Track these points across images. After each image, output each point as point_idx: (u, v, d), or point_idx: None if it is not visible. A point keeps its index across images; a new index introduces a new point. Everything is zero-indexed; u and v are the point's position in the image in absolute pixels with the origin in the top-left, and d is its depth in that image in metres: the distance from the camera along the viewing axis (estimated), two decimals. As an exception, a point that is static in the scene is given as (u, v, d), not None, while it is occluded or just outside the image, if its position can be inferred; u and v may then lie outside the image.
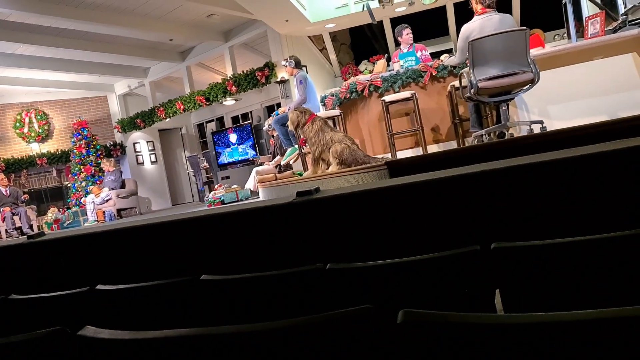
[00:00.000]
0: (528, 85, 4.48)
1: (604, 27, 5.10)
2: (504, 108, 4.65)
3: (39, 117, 12.67)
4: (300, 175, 5.80)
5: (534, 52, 4.82)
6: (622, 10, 6.48)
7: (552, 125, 5.01)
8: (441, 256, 1.24)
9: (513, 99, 4.81)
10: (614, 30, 5.20)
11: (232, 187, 8.22)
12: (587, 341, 0.61)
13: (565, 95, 5.17)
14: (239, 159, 11.43)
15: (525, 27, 4.38)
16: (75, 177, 11.92)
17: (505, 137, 4.61)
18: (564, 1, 8.88)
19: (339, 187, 2.85)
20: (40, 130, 12.66)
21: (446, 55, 6.45)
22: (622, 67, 5.01)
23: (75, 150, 11.89)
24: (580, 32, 6.80)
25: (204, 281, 1.44)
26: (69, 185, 12.39)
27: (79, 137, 11.89)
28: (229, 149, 11.65)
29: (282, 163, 7.18)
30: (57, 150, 12.70)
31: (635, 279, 1.11)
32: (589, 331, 0.61)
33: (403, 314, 0.69)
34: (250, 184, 8.07)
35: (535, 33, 8.28)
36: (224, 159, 11.69)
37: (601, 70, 5.06)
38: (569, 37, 8.86)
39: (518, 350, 0.64)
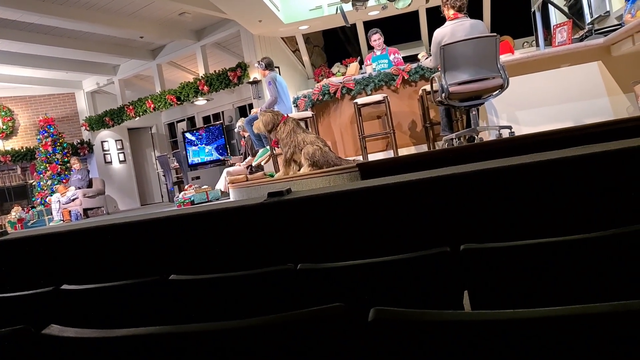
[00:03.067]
0: (497, 91, 4.56)
1: (571, 36, 5.23)
2: (474, 113, 4.72)
3: (3, 113, 12.31)
4: (272, 176, 5.78)
5: (503, 58, 4.91)
6: (588, 19, 6.67)
7: (520, 130, 5.12)
8: (411, 257, 1.25)
9: (483, 103, 4.89)
10: (581, 39, 5.34)
11: (203, 187, 8.14)
12: (552, 337, 0.62)
13: (533, 102, 5.28)
14: (210, 159, 11.34)
15: (495, 34, 4.45)
16: (41, 176, 11.64)
17: (475, 141, 4.69)
18: (533, 9, 9.10)
19: (311, 189, 2.86)
20: (4, 127, 12.31)
21: (423, 54, 6.53)
22: (587, 74, 5.14)
23: (40, 148, 11.60)
24: (548, 40, 6.97)
25: (173, 281, 1.42)
26: (33, 183, 12.09)
27: (45, 134, 11.61)
28: (199, 149, 11.55)
29: (253, 164, 7.15)
30: (22, 147, 12.37)
31: (599, 279, 1.14)
32: (554, 328, 0.62)
33: (374, 312, 0.69)
34: (220, 185, 8.00)
35: (505, 40, 8.45)
36: (194, 159, 11.58)
37: (568, 78, 5.19)
38: (538, 44, 9.10)
39: (488, 346, 0.65)
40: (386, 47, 7.03)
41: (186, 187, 8.68)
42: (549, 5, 7.54)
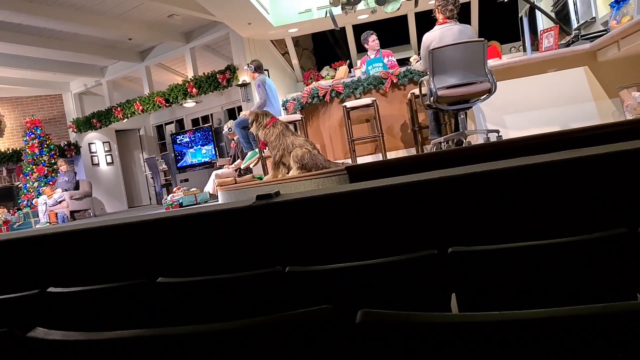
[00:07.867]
0: (485, 95, 4.59)
1: (558, 41, 5.27)
2: (462, 116, 4.75)
3: (-11, 114, 12.21)
4: (261, 179, 5.77)
5: (491, 62, 4.94)
6: (575, 25, 6.74)
7: (508, 134, 5.15)
8: (399, 260, 1.26)
9: (471, 107, 4.92)
10: (567, 44, 5.39)
11: (191, 190, 8.11)
12: (539, 339, 0.63)
13: (520, 106, 5.32)
14: (198, 161, 11.31)
15: (483, 38, 4.48)
16: (27, 178, 11.52)
17: (463, 145, 4.71)
18: (520, 15, 9.17)
19: (299, 192, 2.85)
20: (-10, 128, 12.20)
21: (416, 57, 6.56)
22: (574, 79, 5.19)
23: (27, 150, 11.50)
24: (535, 45, 7.03)
25: (161, 284, 1.42)
26: (20, 185, 11.96)
27: (32, 136, 11.50)
28: (188, 152, 11.51)
29: (242, 167, 7.13)
30: (8, 149, 12.23)
31: (586, 281, 1.15)
32: (542, 329, 0.63)
33: (361, 314, 0.69)
34: (209, 187, 7.98)
35: (493, 45, 8.51)
36: (183, 162, 11.54)
37: (555, 83, 5.23)
38: (525, 49, 9.16)
39: (475, 348, 0.65)
40: (380, 50, 7.05)
41: (174, 189, 8.64)
42: (536, 11, 7.61)
